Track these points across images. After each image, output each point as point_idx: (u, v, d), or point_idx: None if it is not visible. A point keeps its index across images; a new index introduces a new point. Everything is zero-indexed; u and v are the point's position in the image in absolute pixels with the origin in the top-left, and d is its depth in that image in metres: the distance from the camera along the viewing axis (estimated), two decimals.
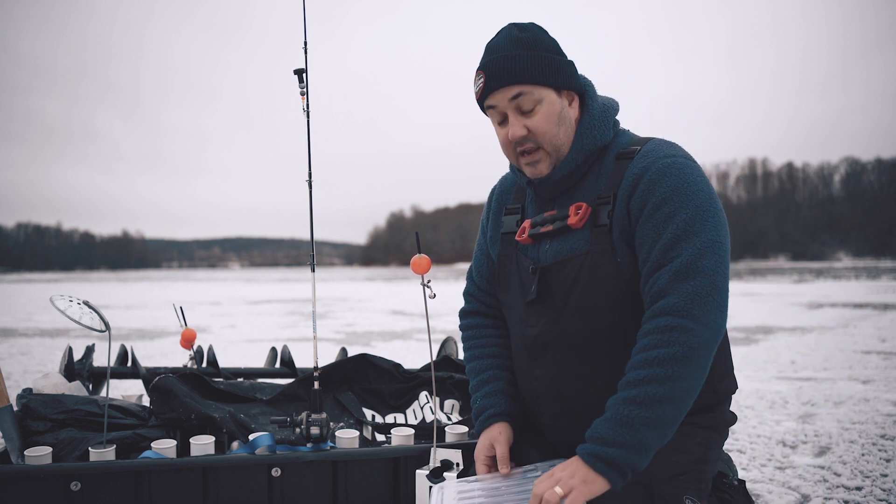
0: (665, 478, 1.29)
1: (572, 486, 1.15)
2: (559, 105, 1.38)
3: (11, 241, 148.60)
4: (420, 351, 6.85)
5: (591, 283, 1.34)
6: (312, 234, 1.80)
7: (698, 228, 1.25)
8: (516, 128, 1.36)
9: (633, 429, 1.17)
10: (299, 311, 13.55)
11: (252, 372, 2.70)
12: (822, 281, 25.60)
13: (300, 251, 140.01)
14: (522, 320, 1.47)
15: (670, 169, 1.30)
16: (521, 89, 1.34)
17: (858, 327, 8.70)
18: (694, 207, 1.26)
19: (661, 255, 1.26)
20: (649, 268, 1.28)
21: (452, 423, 2.03)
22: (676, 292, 1.22)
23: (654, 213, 1.28)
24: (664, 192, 1.28)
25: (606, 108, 1.44)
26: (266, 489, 1.61)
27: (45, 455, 1.59)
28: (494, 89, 1.36)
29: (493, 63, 1.36)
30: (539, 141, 1.38)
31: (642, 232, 1.29)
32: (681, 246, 1.24)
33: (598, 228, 1.34)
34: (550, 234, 1.42)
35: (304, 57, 1.78)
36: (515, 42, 1.36)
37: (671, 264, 1.24)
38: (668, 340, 1.19)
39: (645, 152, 1.36)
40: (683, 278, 1.22)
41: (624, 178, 1.34)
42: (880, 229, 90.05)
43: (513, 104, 1.36)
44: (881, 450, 2.98)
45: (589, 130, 1.40)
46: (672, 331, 1.19)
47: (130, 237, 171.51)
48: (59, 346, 7.44)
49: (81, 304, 1.79)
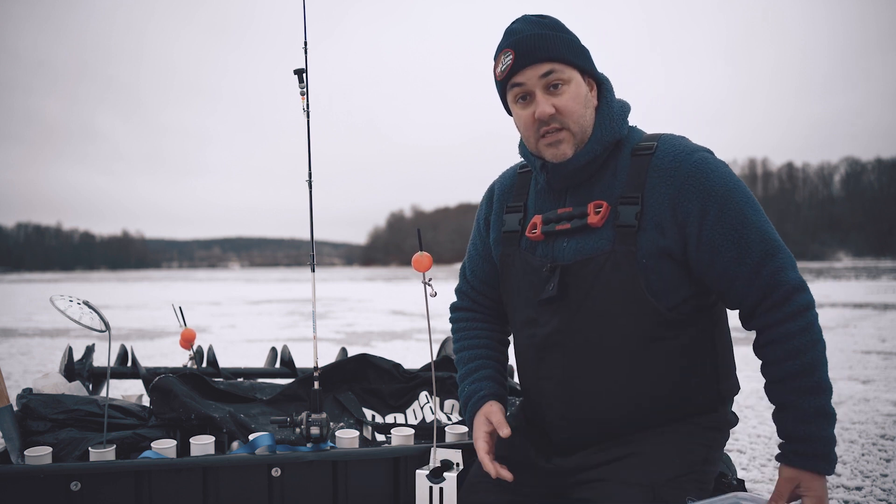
0: (667, 479, 1.29)
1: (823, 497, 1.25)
2: (584, 88, 1.38)
3: (11, 241, 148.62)
4: (420, 351, 6.85)
5: (611, 284, 1.32)
6: (312, 234, 1.80)
7: (769, 230, 1.30)
8: (545, 105, 1.34)
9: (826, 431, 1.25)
10: (299, 311, 13.55)
11: (252, 372, 2.70)
12: (822, 281, 25.59)
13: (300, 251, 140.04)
14: (531, 320, 1.44)
15: (712, 169, 1.31)
16: (552, 66, 1.33)
17: (858, 327, 8.69)
18: (754, 209, 1.30)
19: (753, 270, 1.29)
20: (746, 277, 1.29)
21: (452, 423, 2.03)
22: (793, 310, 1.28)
23: (720, 222, 1.29)
24: (722, 196, 1.29)
25: (623, 104, 1.45)
26: (266, 489, 1.61)
27: (45, 455, 1.59)
28: (525, 66, 1.34)
29: (524, 41, 1.34)
30: (566, 121, 1.35)
31: (712, 243, 1.29)
32: (771, 264, 1.28)
33: (623, 228, 1.31)
34: (568, 233, 1.38)
35: (304, 57, 1.78)
36: (540, 24, 1.37)
37: (775, 276, 1.28)
38: (798, 330, 1.26)
39: (669, 150, 1.34)
40: (783, 298, 1.28)
41: (648, 175, 1.33)
42: (880, 229, 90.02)
43: (542, 81, 1.34)
44: (881, 450, 2.98)
45: (608, 121, 1.39)
46: (802, 331, 1.26)
47: (130, 237, 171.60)
48: (59, 346, 7.44)
49: (81, 304, 1.79)
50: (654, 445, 1.35)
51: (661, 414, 1.38)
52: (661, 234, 1.30)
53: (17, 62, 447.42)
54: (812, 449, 1.24)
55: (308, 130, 1.79)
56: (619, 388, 1.35)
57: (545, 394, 1.45)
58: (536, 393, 1.48)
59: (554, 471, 1.44)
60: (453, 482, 1.49)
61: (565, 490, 1.42)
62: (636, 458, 1.34)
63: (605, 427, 1.40)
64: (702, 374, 1.38)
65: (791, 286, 1.27)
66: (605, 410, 1.38)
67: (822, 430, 1.24)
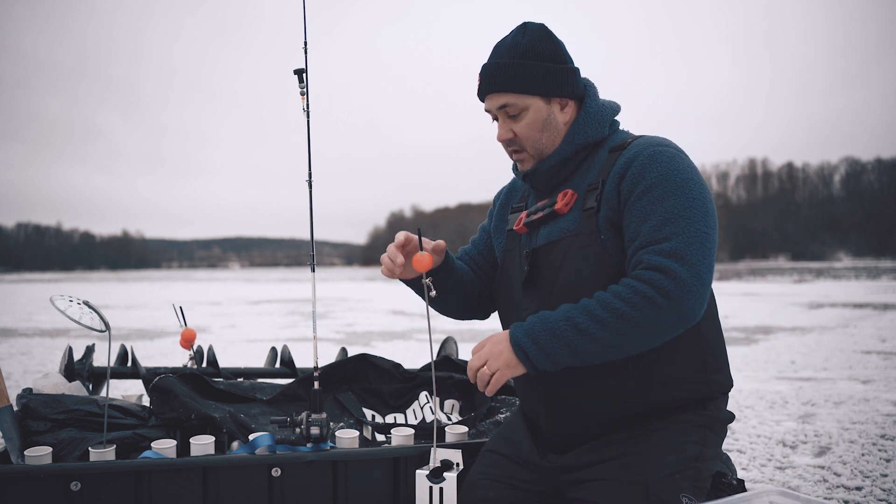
0: (661, 476, 1.30)
1: (498, 368, 1.31)
2: (545, 112, 1.47)
3: (11, 241, 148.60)
4: (420, 351, 6.85)
5: (578, 263, 1.39)
6: (312, 234, 1.80)
7: (688, 215, 1.28)
8: (503, 131, 1.49)
9: (558, 343, 1.27)
10: (299, 311, 13.55)
11: (252, 372, 2.70)
12: (822, 281, 25.60)
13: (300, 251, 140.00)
14: (518, 307, 1.51)
15: (660, 156, 1.35)
16: (506, 100, 1.45)
17: (858, 327, 8.70)
18: (684, 194, 1.30)
19: (649, 234, 1.29)
20: (637, 245, 1.31)
21: (452, 423, 2.03)
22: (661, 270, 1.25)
23: (644, 195, 1.32)
24: (654, 177, 1.33)
25: (603, 108, 1.51)
26: (266, 489, 1.61)
27: (45, 455, 1.59)
28: (486, 94, 1.48)
29: (487, 70, 1.47)
30: (523, 144, 1.49)
31: (631, 211, 1.34)
32: (669, 229, 1.27)
33: (587, 212, 1.40)
34: (542, 221, 1.49)
35: (304, 57, 1.78)
36: (512, 49, 1.45)
37: (659, 245, 1.27)
38: (636, 301, 1.23)
39: (636, 143, 1.42)
40: (670, 261, 1.24)
41: (615, 165, 1.40)
42: (880, 229, 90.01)
43: (501, 111, 1.47)
44: (881, 450, 2.99)
45: (582, 128, 1.48)
46: (644, 297, 1.23)
47: (130, 237, 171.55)
48: (59, 346, 7.44)
49: (81, 304, 1.79)
50: (648, 444, 1.36)
51: (647, 404, 1.38)
52: (609, 209, 1.38)
53: (18, 61, 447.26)
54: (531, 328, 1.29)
55: (308, 130, 1.79)
56: (600, 373, 1.36)
57: (529, 380, 1.48)
58: (523, 381, 1.52)
59: (550, 467, 1.45)
60: (453, 482, 1.49)
61: (562, 487, 1.43)
62: (630, 457, 1.35)
63: (590, 417, 1.41)
64: (688, 364, 1.39)
65: (657, 264, 1.25)
66: (589, 392, 1.40)
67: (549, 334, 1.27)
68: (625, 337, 1.25)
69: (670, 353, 1.37)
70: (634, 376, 1.37)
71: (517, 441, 1.54)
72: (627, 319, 1.23)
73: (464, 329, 9.05)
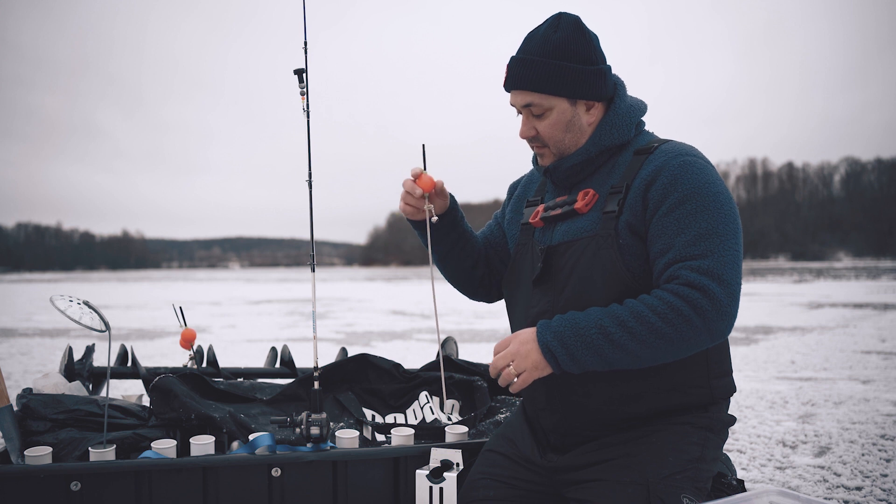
0: (661, 477, 1.30)
1: (525, 369, 1.30)
2: (570, 114, 1.44)
3: (11, 241, 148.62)
4: (420, 351, 6.85)
5: (592, 265, 1.37)
6: (312, 234, 1.80)
7: (722, 232, 1.27)
8: (526, 128, 1.47)
9: (588, 350, 1.26)
10: (299, 311, 13.55)
11: (252, 372, 2.69)
12: (822, 281, 25.60)
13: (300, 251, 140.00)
14: (526, 302, 1.50)
15: (691, 167, 1.33)
16: (531, 99, 1.43)
17: (858, 327, 8.70)
18: (717, 210, 1.29)
19: (683, 248, 1.27)
20: (670, 258, 1.29)
21: (452, 423, 2.03)
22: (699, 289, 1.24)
23: (676, 208, 1.30)
24: (687, 189, 1.31)
25: (631, 109, 1.48)
26: (266, 489, 1.61)
27: (45, 455, 1.59)
28: (511, 89, 1.46)
29: (515, 64, 1.44)
30: (545, 142, 1.47)
31: (662, 223, 1.31)
32: (705, 245, 1.26)
33: (607, 214, 1.38)
34: (560, 218, 1.47)
35: (304, 57, 1.78)
36: (543, 45, 1.41)
37: (696, 262, 1.25)
38: (672, 318, 1.22)
39: (664, 149, 1.39)
40: (707, 280, 1.23)
41: (640, 170, 1.38)
42: (880, 229, 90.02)
43: (525, 108, 1.45)
44: (881, 450, 2.99)
45: (608, 129, 1.45)
46: (679, 315, 1.22)
47: (130, 237, 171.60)
48: (59, 346, 7.44)
49: (81, 304, 1.79)
50: (648, 445, 1.36)
51: (649, 405, 1.38)
52: (632, 215, 1.36)
53: (18, 58, 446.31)
54: (561, 331, 1.28)
55: (308, 130, 1.79)
56: (606, 377, 1.36)
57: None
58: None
59: (550, 467, 1.45)
60: (453, 482, 1.49)
61: (562, 487, 1.43)
62: (630, 457, 1.35)
63: (592, 415, 1.41)
64: (692, 369, 1.39)
65: (695, 282, 1.23)
66: (593, 393, 1.40)
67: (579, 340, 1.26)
68: (655, 350, 1.24)
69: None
70: (640, 380, 1.37)
71: (517, 440, 1.54)
72: (660, 335, 1.23)
73: (464, 329, 9.05)
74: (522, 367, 1.30)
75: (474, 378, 2.25)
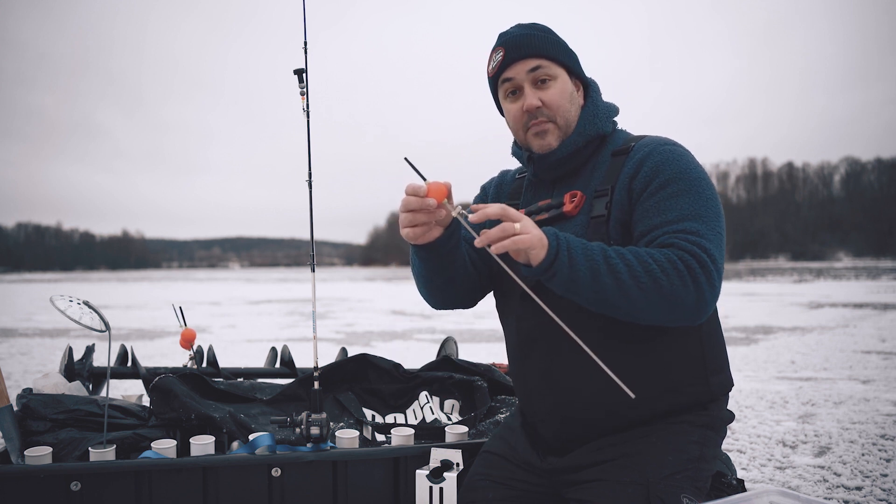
0: (661, 477, 1.30)
1: (528, 233, 1.16)
2: (570, 86, 1.46)
3: (11, 241, 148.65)
4: (420, 351, 6.85)
5: None
6: (312, 234, 1.80)
7: (705, 215, 1.28)
8: (532, 98, 1.42)
9: (586, 261, 1.18)
10: (299, 311, 13.55)
11: (252, 372, 2.69)
12: (822, 281, 25.61)
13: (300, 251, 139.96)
14: (517, 315, 1.48)
15: (672, 154, 1.35)
16: (539, 62, 1.42)
17: (858, 327, 8.70)
18: (699, 194, 1.30)
19: (672, 225, 1.27)
20: (660, 231, 1.27)
21: (452, 423, 2.03)
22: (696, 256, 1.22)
23: (659, 191, 1.31)
24: (669, 174, 1.32)
25: (608, 106, 1.52)
26: (266, 489, 1.61)
27: (45, 455, 1.59)
28: (514, 60, 1.43)
29: (514, 39, 1.44)
30: (552, 114, 1.43)
31: (645, 206, 1.32)
32: (688, 224, 1.26)
33: (596, 219, 1.38)
34: (548, 222, 1.43)
35: (304, 57, 1.78)
36: (530, 27, 1.47)
37: (690, 235, 1.25)
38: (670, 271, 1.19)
39: (643, 143, 1.41)
40: (702, 252, 1.23)
41: (623, 168, 1.39)
42: (880, 229, 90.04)
43: (530, 76, 1.42)
44: (881, 450, 2.99)
45: (592, 117, 1.47)
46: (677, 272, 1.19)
47: (130, 237, 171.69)
48: (59, 346, 7.44)
49: (81, 304, 1.79)
50: (648, 444, 1.35)
51: (648, 409, 1.38)
52: (621, 211, 1.36)
53: (19, 57, 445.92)
54: (567, 235, 1.21)
55: (308, 130, 1.79)
56: (602, 382, 1.35)
57: (532, 388, 1.47)
58: (525, 388, 1.51)
59: (550, 469, 1.45)
60: (453, 482, 1.49)
61: (561, 487, 1.43)
62: (630, 457, 1.34)
63: (591, 424, 1.41)
64: (689, 368, 1.39)
65: (692, 250, 1.21)
66: (590, 406, 1.39)
67: (581, 248, 1.20)
68: (643, 293, 1.19)
69: (672, 356, 1.37)
70: (638, 382, 1.35)
71: (516, 444, 1.53)
72: (654, 280, 1.19)
73: (463, 329, 9.05)
74: (526, 231, 1.16)
75: (474, 378, 2.25)
